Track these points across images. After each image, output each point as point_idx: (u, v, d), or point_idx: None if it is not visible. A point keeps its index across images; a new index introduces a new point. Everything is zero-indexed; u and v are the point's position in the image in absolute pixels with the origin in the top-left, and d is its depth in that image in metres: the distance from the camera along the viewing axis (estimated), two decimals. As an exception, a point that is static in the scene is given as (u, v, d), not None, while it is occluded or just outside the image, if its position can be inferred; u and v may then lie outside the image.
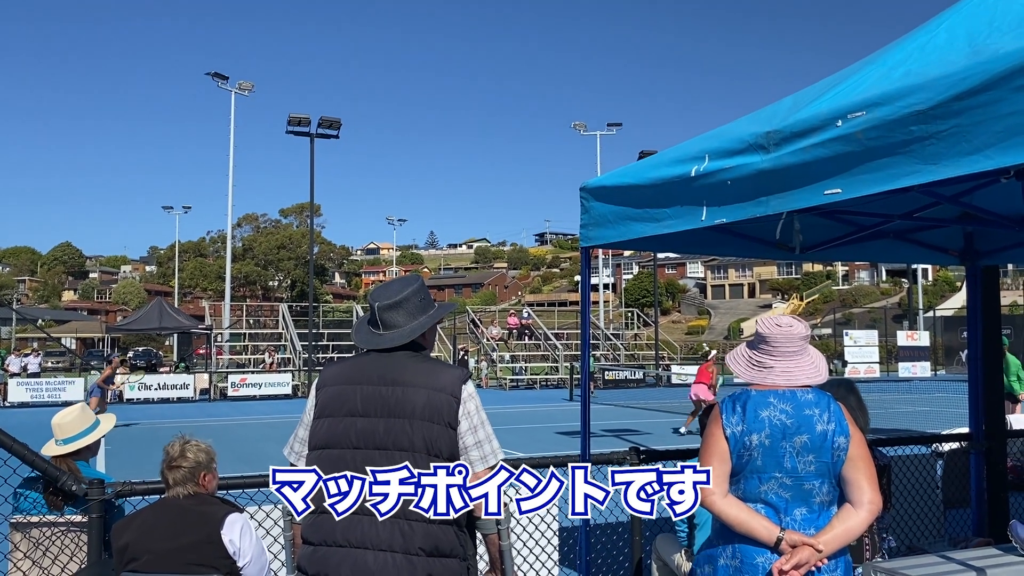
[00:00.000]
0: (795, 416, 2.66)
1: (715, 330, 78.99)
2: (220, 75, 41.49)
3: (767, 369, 2.77)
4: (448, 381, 2.63)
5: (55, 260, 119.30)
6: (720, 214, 3.27)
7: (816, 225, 4.80)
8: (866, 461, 2.69)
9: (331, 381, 2.71)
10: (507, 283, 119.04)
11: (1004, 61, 2.40)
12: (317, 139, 33.55)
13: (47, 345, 54.75)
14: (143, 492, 3.90)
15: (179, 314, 33.30)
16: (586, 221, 4.24)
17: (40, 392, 26.92)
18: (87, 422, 4.16)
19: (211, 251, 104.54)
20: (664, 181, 3.55)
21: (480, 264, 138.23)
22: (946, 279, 76.10)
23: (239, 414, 22.60)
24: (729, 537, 2.69)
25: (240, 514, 3.19)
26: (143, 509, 3.19)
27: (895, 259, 5.45)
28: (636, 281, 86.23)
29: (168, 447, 3.26)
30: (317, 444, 2.64)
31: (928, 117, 2.55)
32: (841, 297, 79.31)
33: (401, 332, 2.73)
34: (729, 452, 2.67)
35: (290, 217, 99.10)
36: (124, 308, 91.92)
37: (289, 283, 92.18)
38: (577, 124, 51.61)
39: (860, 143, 2.74)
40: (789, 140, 2.97)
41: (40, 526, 3.83)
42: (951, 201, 3.79)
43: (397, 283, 2.84)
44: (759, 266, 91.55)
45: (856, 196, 2.78)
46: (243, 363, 35.21)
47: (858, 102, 2.76)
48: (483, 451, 2.61)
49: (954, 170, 2.53)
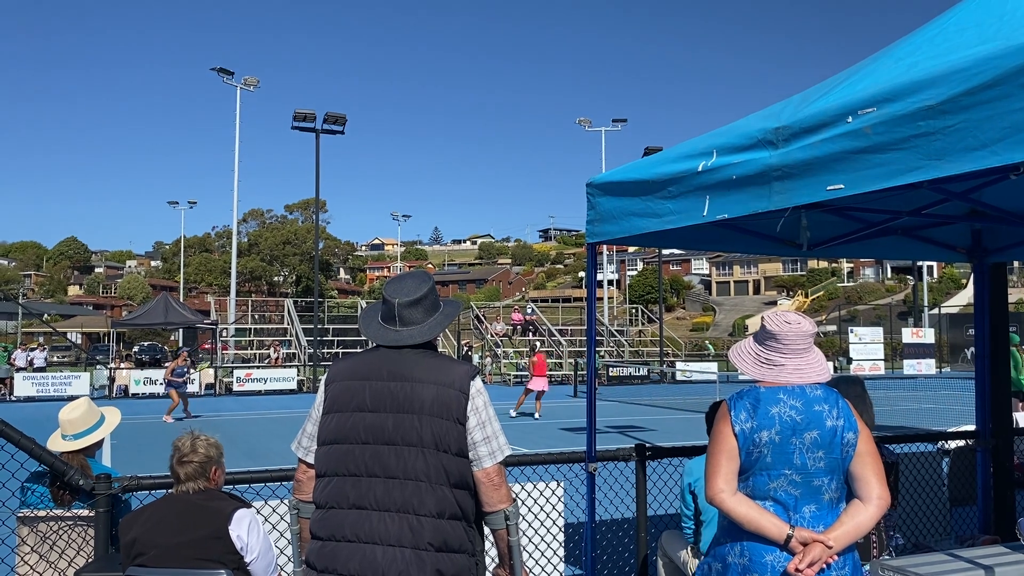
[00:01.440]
0: (805, 412, 2.65)
1: (720, 326, 78.95)
2: (226, 71, 41.54)
3: (778, 367, 2.76)
4: (457, 377, 2.62)
5: (61, 255, 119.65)
6: (722, 209, 3.26)
7: (824, 222, 4.78)
8: (874, 457, 2.68)
9: (340, 376, 2.70)
10: (511, 279, 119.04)
11: (1014, 57, 2.38)
12: (322, 135, 33.59)
13: (53, 340, 54.88)
14: (150, 487, 3.91)
15: (184, 309, 33.35)
16: (592, 217, 4.23)
17: (46, 386, 27.00)
18: (94, 418, 4.17)
19: (216, 246, 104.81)
20: (670, 177, 3.54)
21: (484, 260, 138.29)
22: (951, 276, 75.94)
23: (244, 409, 22.64)
24: (737, 535, 2.68)
25: (248, 510, 3.20)
26: (151, 503, 3.19)
27: (903, 256, 5.43)
28: (640, 277, 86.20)
29: (178, 442, 3.26)
30: (326, 439, 2.64)
31: (937, 112, 2.54)
32: (846, 294, 79.16)
33: (421, 329, 2.73)
34: (738, 449, 2.66)
35: (295, 213, 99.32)
36: (129, 303, 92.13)
37: (294, 278, 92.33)
38: (582, 120, 51.62)
39: (868, 138, 2.73)
40: (799, 136, 2.95)
41: (47, 520, 3.84)
42: (960, 198, 3.76)
43: (412, 279, 2.82)
44: (764, 263, 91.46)
45: (859, 192, 2.76)
46: (248, 358, 35.30)
47: (868, 97, 2.75)
48: (491, 447, 2.61)
49: (959, 167, 2.51)
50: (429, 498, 2.51)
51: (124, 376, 28.56)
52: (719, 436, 2.71)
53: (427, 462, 2.53)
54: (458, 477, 2.56)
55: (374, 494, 2.53)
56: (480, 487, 2.60)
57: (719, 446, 2.70)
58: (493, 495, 2.61)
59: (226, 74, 41.65)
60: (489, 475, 2.60)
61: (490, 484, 2.60)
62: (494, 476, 2.60)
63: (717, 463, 2.69)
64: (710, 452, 2.74)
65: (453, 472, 2.55)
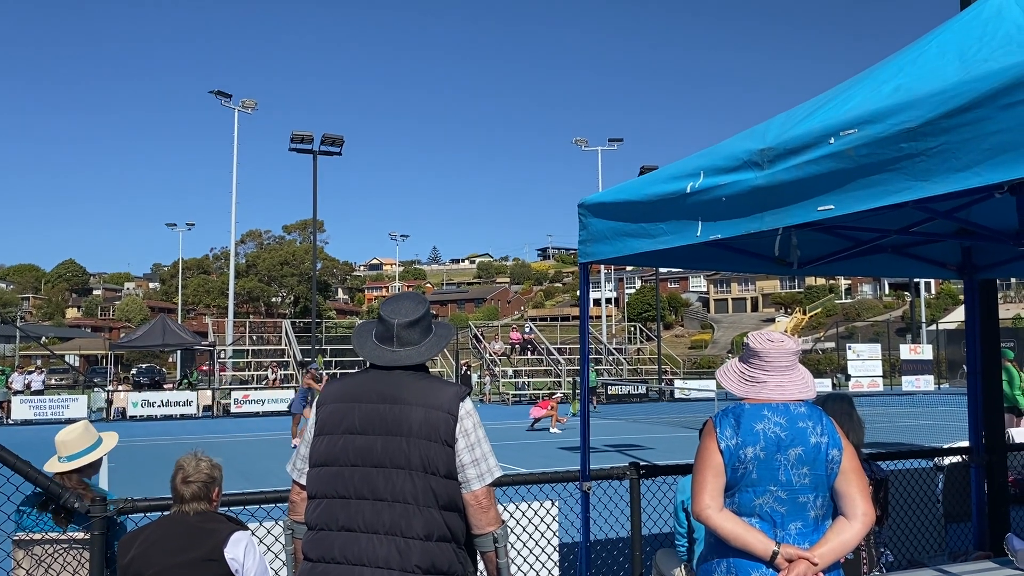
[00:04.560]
0: (789, 428, 2.68)
1: (718, 344, 78.87)
2: (223, 93, 41.75)
3: (760, 384, 2.79)
4: (445, 399, 2.64)
5: (59, 277, 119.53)
6: (715, 230, 3.30)
7: (814, 240, 4.83)
8: (858, 474, 2.70)
9: (331, 399, 2.72)
10: (510, 298, 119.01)
11: (992, 80, 2.44)
12: (320, 156, 33.73)
13: (50, 363, 54.78)
14: (145, 509, 3.92)
15: (182, 331, 33.36)
16: (584, 237, 4.27)
17: (43, 410, 26.92)
18: (91, 439, 4.18)
19: (214, 268, 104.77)
20: (660, 198, 3.59)
21: (483, 279, 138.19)
22: (949, 292, 75.95)
23: (242, 431, 22.59)
24: (724, 552, 2.70)
25: (244, 532, 3.21)
26: (149, 524, 3.21)
27: (893, 273, 5.48)
28: (639, 295, 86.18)
29: (182, 461, 3.29)
30: (316, 461, 2.66)
31: (918, 134, 2.59)
32: (844, 311, 79.17)
33: (418, 350, 2.75)
34: (724, 466, 2.68)
35: (293, 233, 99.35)
36: (128, 325, 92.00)
37: (292, 299, 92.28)
38: (578, 140, 51.92)
39: (852, 160, 2.78)
40: (783, 157, 3.00)
41: (43, 543, 3.85)
42: (946, 216, 3.82)
43: (409, 300, 2.84)
44: (762, 280, 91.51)
45: (849, 212, 2.82)
46: (246, 380, 35.21)
47: (850, 119, 2.80)
48: (480, 469, 2.61)
49: (944, 186, 2.56)
50: (417, 520, 2.52)
51: (122, 399, 28.48)
52: (705, 453, 2.74)
53: (415, 484, 2.54)
54: (447, 499, 2.57)
55: (363, 516, 2.54)
56: (468, 509, 2.61)
57: (705, 462, 2.72)
58: (481, 517, 2.62)
59: (224, 97, 41.86)
60: (477, 497, 2.61)
61: (478, 506, 2.61)
62: (482, 498, 2.61)
63: (703, 479, 2.71)
64: (696, 469, 2.76)
65: (442, 494, 2.56)
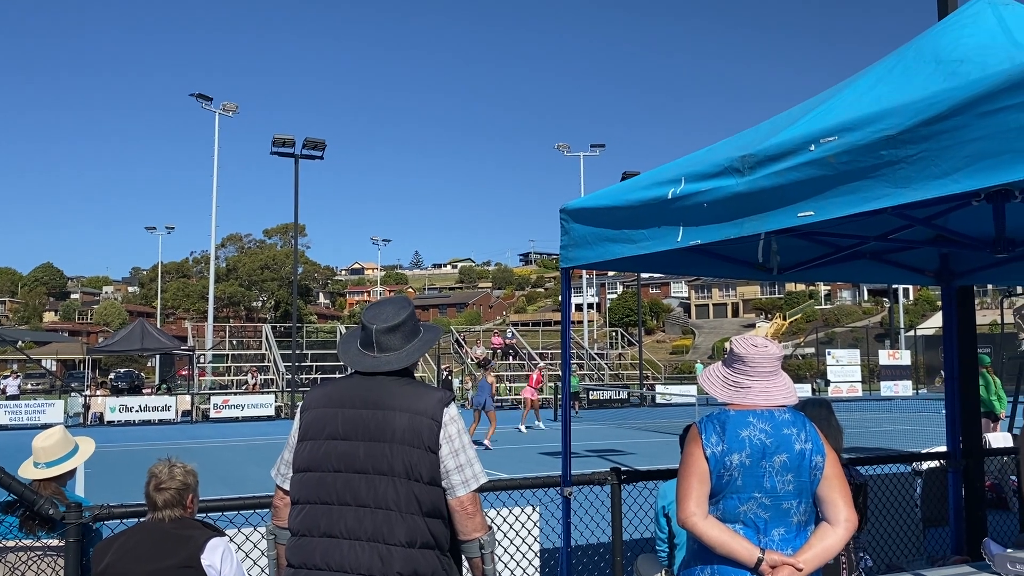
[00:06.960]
0: (774, 435, 2.68)
1: (699, 349, 79.21)
2: (204, 96, 41.55)
3: (745, 389, 2.79)
4: (429, 404, 2.62)
5: (36, 281, 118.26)
6: (696, 235, 3.32)
7: (794, 246, 4.86)
8: (841, 480, 2.72)
9: (314, 404, 2.71)
10: (492, 303, 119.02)
11: (970, 88, 2.46)
12: (302, 160, 33.58)
13: (27, 367, 54.13)
14: (121, 515, 3.87)
15: (161, 335, 33.07)
16: (566, 242, 4.28)
17: (19, 415, 26.57)
18: (68, 446, 4.13)
19: (194, 272, 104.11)
20: (641, 203, 3.60)
21: (465, 284, 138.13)
22: (927, 298, 76.74)
23: (221, 436, 22.41)
24: (708, 558, 2.69)
25: (221, 538, 3.18)
26: (124, 531, 3.17)
27: (872, 279, 5.53)
28: (620, 300, 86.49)
29: (155, 468, 3.25)
30: (299, 467, 2.64)
31: (897, 142, 2.61)
32: (824, 316, 79.80)
33: (399, 355, 2.73)
34: (709, 472, 2.67)
35: (274, 237, 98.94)
36: (106, 329, 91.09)
37: (273, 303, 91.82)
38: (560, 145, 52.07)
39: (832, 167, 2.80)
40: (764, 164, 3.02)
41: (16, 551, 3.79)
42: (923, 223, 3.85)
43: (391, 304, 2.82)
44: (742, 286, 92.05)
45: (829, 218, 2.83)
46: (226, 384, 34.99)
47: (830, 127, 2.82)
48: (464, 475, 2.60)
49: (923, 193, 2.59)
50: (399, 527, 2.50)
51: (99, 403, 28.18)
52: (690, 459, 2.72)
53: (398, 491, 2.52)
54: (430, 506, 2.55)
55: (345, 522, 2.53)
56: (454, 516, 2.60)
57: (690, 469, 2.71)
58: (467, 524, 2.60)
59: (204, 100, 41.65)
60: (463, 503, 2.59)
61: (464, 513, 2.59)
62: (468, 505, 2.60)
63: (688, 486, 2.70)
64: (681, 475, 2.74)
65: (425, 501, 2.54)
